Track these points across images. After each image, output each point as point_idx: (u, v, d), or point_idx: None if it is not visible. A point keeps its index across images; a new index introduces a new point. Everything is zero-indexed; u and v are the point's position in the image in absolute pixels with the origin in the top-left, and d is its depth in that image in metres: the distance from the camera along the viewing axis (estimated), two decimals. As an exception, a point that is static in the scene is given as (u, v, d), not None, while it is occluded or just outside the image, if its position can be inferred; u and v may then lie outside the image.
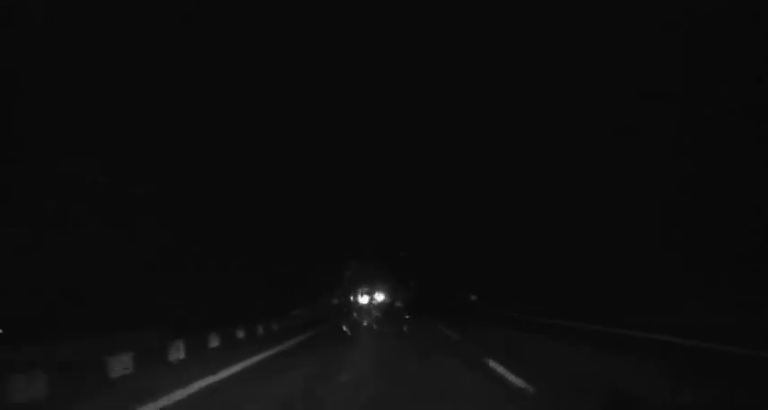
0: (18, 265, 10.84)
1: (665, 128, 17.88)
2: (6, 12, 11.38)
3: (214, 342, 12.14)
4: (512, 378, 6.82)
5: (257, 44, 21.56)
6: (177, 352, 9.74)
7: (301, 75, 25.82)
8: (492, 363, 8.02)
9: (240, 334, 13.93)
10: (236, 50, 19.92)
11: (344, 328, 19.20)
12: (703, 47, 15.98)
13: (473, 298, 38.85)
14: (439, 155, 40.32)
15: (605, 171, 21.45)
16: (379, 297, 51.38)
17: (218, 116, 19.38)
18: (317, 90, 27.51)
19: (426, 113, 36.12)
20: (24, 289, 10.51)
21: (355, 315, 27.81)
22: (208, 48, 18.11)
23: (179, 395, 6.37)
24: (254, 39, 21.02)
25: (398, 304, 46.37)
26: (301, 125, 27.29)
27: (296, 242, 28.70)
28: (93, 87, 13.34)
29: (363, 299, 46.45)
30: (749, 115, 14.99)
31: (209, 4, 17.73)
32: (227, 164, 20.26)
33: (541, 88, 24.51)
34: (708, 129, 16.21)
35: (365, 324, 23.18)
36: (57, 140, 12.33)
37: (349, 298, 42.04)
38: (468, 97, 30.97)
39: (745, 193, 15.14)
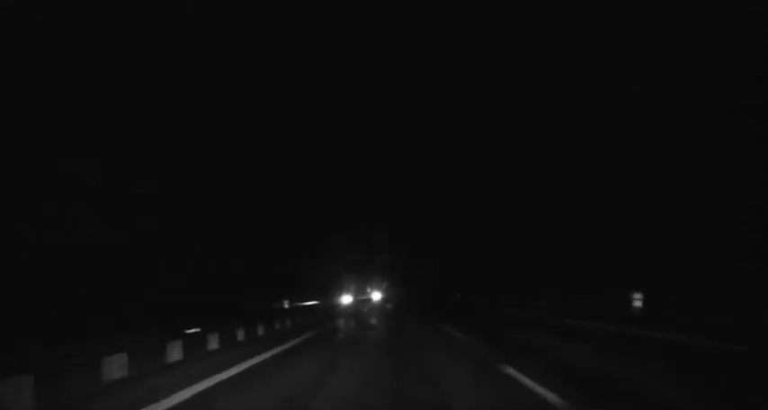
0: (16, 266, 10.85)
1: (665, 128, 17.90)
2: (6, 12, 11.38)
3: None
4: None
5: (257, 44, 21.58)
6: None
7: (302, 76, 25.85)
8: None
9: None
10: (236, 50, 19.95)
11: (340, 326, 19.19)
12: (703, 47, 16.00)
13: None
14: (439, 156, 40.40)
15: (605, 171, 21.47)
16: (375, 296, 50.70)
17: (218, 116, 19.40)
18: (318, 92, 27.56)
19: (424, 114, 36.17)
20: (24, 290, 10.51)
21: (342, 320, 25.19)
22: (208, 48, 18.14)
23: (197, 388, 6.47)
24: (254, 39, 21.03)
25: (389, 304, 45.43)
26: (303, 125, 27.34)
27: (296, 242, 28.73)
28: (93, 87, 13.35)
29: (351, 298, 41.82)
30: (749, 115, 15.01)
31: (209, 4, 17.76)
32: (226, 164, 20.28)
33: (542, 88, 24.56)
34: (708, 129, 16.23)
35: (358, 321, 22.99)
36: (57, 140, 12.34)
37: (341, 299, 38.47)
38: (469, 97, 31.02)
39: (745, 193, 15.14)
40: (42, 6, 12.01)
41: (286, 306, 22.51)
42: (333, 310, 30.90)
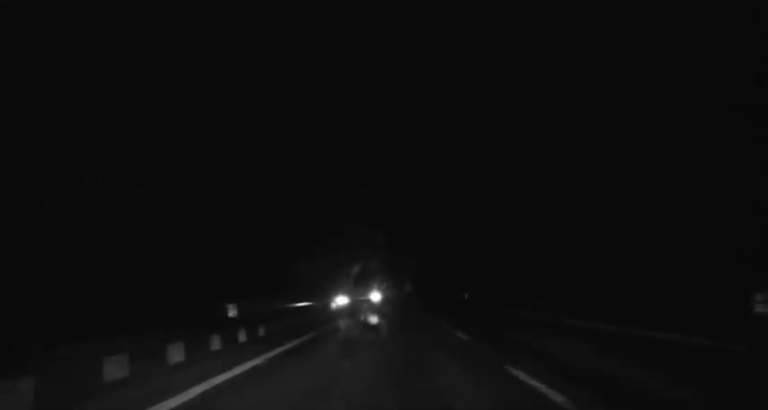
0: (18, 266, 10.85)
1: (665, 128, 17.91)
2: (6, 12, 11.38)
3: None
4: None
5: (257, 45, 21.58)
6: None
7: (303, 76, 25.85)
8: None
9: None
10: (236, 50, 19.95)
11: (340, 327, 19.19)
12: (703, 47, 16.01)
13: None
14: (438, 155, 40.41)
15: (605, 171, 21.47)
16: (375, 297, 50.30)
17: (218, 116, 19.40)
18: (318, 95, 27.55)
19: (424, 114, 36.14)
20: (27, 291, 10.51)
21: (342, 321, 23.44)
22: (208, 48, 18.13)
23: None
24: (254, 39, 21.04)
25: (389, 305, 44.90)
26: (303, 125, 27.34)
27: (296, 242, 28.73)
28: (93, 87, 13.35)
29: (347, 300, 39.89)
30: (749, 115, 15.01)
31: (209, 4, 17.75)
32: (226, 163, 20.28)
33: (542, 88, 24.55)
34: (708, 129, 16.23)
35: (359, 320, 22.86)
36: (57, 140, 12.34)
37: (338, 299, 36.97)
38: (468, 97, 31.00)
39: (745, 193, 15.15)
40: (42, 6, 12.02)
41: (231, 314, 15.01)
42: (322, 316, 25.83)
